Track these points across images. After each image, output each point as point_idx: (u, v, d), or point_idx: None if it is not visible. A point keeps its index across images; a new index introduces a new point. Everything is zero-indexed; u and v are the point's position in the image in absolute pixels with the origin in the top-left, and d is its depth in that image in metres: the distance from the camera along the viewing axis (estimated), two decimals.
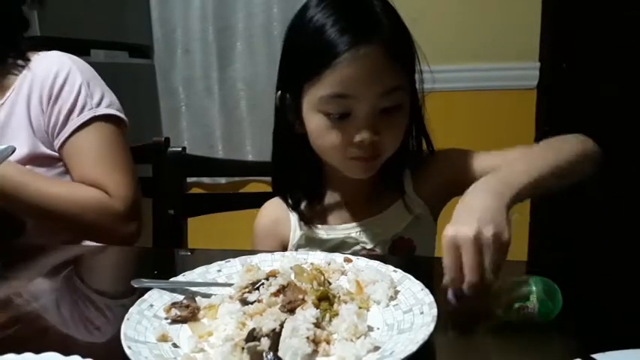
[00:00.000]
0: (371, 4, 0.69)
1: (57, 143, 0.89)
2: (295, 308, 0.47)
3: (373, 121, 0.67)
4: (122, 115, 0.94)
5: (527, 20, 1.75)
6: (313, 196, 0.81)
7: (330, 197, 0.82)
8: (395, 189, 0.79)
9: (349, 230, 0.78)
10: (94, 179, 0.87)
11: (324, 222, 0.81)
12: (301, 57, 0.70)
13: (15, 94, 0.90)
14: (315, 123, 0.70)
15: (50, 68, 0.89)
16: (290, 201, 0.81)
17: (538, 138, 1.83)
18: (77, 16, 1.58)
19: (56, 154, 0.91)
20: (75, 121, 0.88)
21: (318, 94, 0.67)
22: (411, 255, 0.78)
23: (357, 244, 0.78)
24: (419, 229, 0.79)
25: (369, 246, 0.77)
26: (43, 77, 0.89)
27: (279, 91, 0.75)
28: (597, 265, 0.64)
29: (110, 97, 0.94)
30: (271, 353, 0.42)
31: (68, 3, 1.54)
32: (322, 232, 0.80)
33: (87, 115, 0.88)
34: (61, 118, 0.88)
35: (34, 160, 0.89)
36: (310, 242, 0.80)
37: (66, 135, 0.88)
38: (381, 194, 0.80)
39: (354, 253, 0.66)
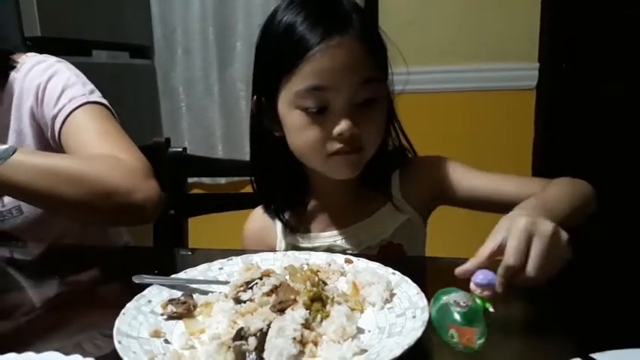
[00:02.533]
0: (339, 3, 0.69)
1: (56, 133, 0.85)
2: (286, 308, 0.47)
3: (351, 112, 0.66)
4: (111, 108, 0.90)
5: (526, 21, 1.76)
6: (296, 204, 0.80)
7: (314, 204, 0.81)
8: (381, 193, 0.78)
9: (334, 238, 0.77)
10: (97, 150, 0.81)
11: (308, 230, 0.80)
12: (274, 55, 0.69)
13: (10, 103, 0.88)
14: (292, 120, 0.69)
15: (37, 69, 0.88)
16: (273, 209, 0.80)
17: (537, 138, 1.84)
18: (78, 16, 1.59)
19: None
20: (68, 106, 0.84)
21: (294, 88, 0.66)
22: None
23: (343, 251, 0.76)
24: (409, 234, 0.78)
25: (355, 252, 0.76)
26: (31, 79, 0.87)
27: (255, 96, 0.74)
28: (596, 264, 0.64)
29: (98, 92, 0.91)
30: (254, 353, 0.42)
31: (69, 4, 1.55)
32: (307, 241, 0.79)
33: (80, 100, 0.85)
34: (52, 105, 0.85)
35: None
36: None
37: (62, 119, 0.83)
38: (367, 199, 0.78)
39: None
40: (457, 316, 0.42)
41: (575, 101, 1.85)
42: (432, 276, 0.65)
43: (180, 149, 1.11)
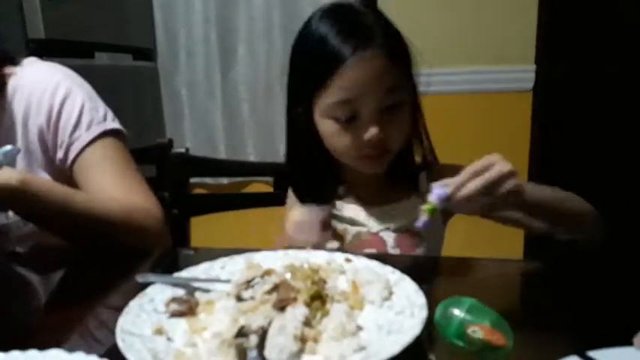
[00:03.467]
0: (365, 15, 0.74)
1: (68, 161, 0.85)
2: (286, 306, 0.47)
3: (378, 119, 0.72)
4: (124, 130, 0.91)
5: (523, 23, 1.76)
6: (327, 193, 0.85)
7: (345, 191, 0.86)
8: (410, 189, 0.84)
9: (357, 211, 0.83)
10: (117, 194, 0.82)
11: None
12: (308, 70, 0.75)
13: (12, 112, 0.85)
14: (325, 128, 0.76)
15: (47, 84, 0.85)
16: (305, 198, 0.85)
17: (533, 140, 1.84)
18: (81, 19, 1.60)
19: (51, 179, 0.86)
20: (85, 137, 0.84)
21: (327, 101, 0.73)
22: (417, 254, 0.80)
23: (364, 226, 0.82)
24: (429, 230, 0.80)
25: (374, 230, 0.82)
26: (39, 97, 0.85)
27: (292, 107, 0.79)
28: (593, 262, 0.65)
29: (110, 111, 0.91)
30: (255, 350, 0.42)
31: (73, 6, 1.56)
32: (334, 206, 0.84)
33: (96, 130, 0.85)
34: (67, 133, 0.84)
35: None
36: None
37: (77, 150, 0.84)
38: (395, 190, 0.84)
39: (359, 235, 0.77)
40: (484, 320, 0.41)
41: (572, 103, 1.85)
42: (431, 274, 0.65)
43: (183, 150, 1.11)
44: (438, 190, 0.57)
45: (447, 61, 1.78)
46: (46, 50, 1.41)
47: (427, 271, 0.65)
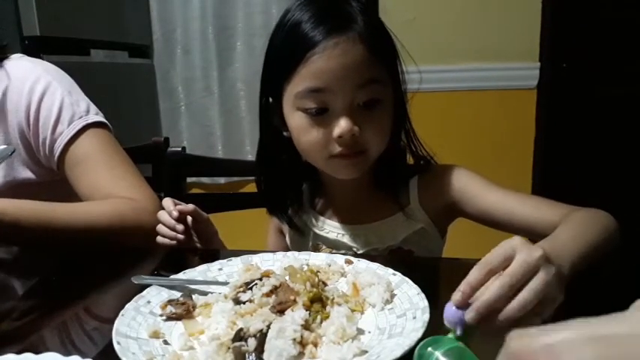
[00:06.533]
0: (346, 3, 0.68)
1: (54, 159, 0.84)
2: (285, 309, 0.47)
3: (351, 114, 0.65)
4: (108, 123, 0.89)
5: (527, 20, 1.76)
6: (303, 202, 0.82)
7: (324, 201, 0.82)
8: (396, 200, 0.76)
9: (340, 231, 0.78)
10: (111, 188, 0.82)
11: (317, 217, 0.81)
12: (278, 56, 0.70)
13: None
14: (294, 122, 0.69)
15: (25, 80, 0.83)
16: (279, 208, 0.82)
17: (538, 138, 1.84)
18: (77, 16, 1.59)
19: (34, 176, 0.86)
20: (67, 132, 0.82)
21: (294, 90, 0.66)
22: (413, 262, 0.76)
23: (350, 248, 0.77)
24: (422, 242, 0.76)
25: (361, 251, 0.76)
26: (18, 94, 0.82)
27: (263, 97, 0.75)
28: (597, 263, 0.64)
29: (93, 105, 0.89)
30: (254, 354, 0.41)
31: (68, 3, 1.54)
32: (315, 223, 0.80)
33: (78, 124, 0.83)
34: (49, 131, 0.82)
35: (13, 188, 0.84)
36: (302, 232, 0.81)
37: (61, 147, 0.82)
38: (380, 203, 0.77)
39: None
40: None
41: (576, 101, 1.85)
42: (433, 276, 0.65)
43: (180, 149, 1.10)
44: (450, 311, 0.38)
45: (451, 58, 1.77)
46: (41, 47, 1.40)
47: (429, 273, 0.65)
